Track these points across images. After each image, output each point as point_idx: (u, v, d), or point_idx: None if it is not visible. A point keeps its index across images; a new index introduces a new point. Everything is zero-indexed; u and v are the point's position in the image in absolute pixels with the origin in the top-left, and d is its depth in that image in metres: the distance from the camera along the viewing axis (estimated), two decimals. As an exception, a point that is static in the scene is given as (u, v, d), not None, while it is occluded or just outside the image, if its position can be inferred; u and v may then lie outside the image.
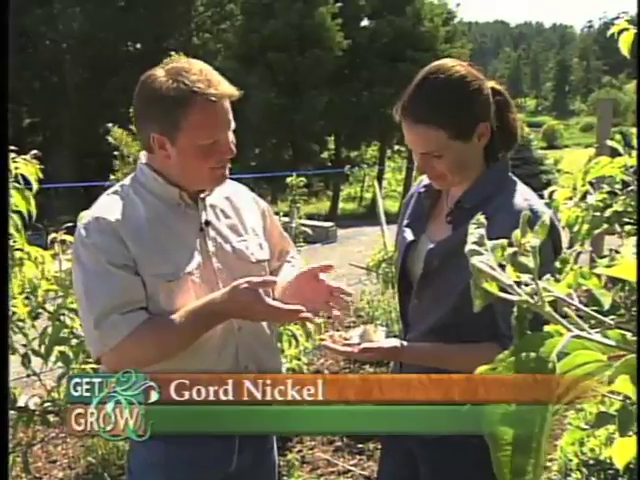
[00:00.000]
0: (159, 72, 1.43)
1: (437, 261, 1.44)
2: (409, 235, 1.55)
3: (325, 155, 27.96)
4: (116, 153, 17.00)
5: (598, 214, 1.46)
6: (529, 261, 0.69)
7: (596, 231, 1.48)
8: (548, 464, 3.20)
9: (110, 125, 16.68)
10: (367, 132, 25.69)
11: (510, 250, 0.72)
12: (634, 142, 1.67)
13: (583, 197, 1.53)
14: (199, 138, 1.41)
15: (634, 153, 1.57)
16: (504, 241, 0.73)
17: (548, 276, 0.71)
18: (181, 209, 1.50)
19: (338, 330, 5.13)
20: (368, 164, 30.02)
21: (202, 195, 1.54)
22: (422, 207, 1.57)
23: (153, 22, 24.55)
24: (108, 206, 1.46)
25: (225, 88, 1.43)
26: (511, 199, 1.40)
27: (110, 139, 16.34)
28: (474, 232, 0.72)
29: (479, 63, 1.52)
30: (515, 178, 1.47)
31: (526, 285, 0.69)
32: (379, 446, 3.49)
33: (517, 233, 0.73)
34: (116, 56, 25.52)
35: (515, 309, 0.72)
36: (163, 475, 1.51)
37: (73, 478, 3.23)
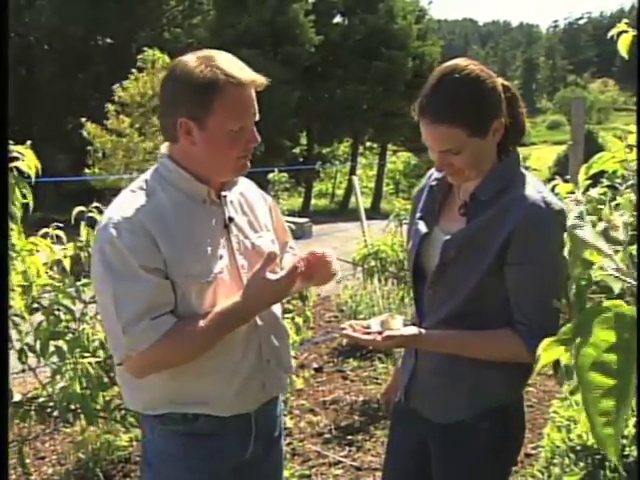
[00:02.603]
0: (189, 58, 1.42)
1: (453, 252, 1.48)
2: (423, 227, 1.59)
3: (297, 151, 27.96)
4: (89, 148, 16.69)
5: (602, 207, 1.51)
6: (619, 234, 0.76)
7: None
8: (533, 452, 3.29)
9: (83, 120, 16.36)
10: (340, 129, 25.76)
11: (601, 225, 0.78)
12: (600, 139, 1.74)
13: (586, 190, 1.58)
14: (229, 123, 1.40)
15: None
16: (593, 217, 0.80)
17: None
18: (206, 206, 1.50)
19: (320, 325, 5.11)
20: (340, 160, 30.13)
21: (224, 192, 1.53)
22: (434, 200, 1.61)
23: (124, 16, 24.21)
24: (137, 204, 1.42)
25: (256, 75, 1.44)
26: (525, 191, 1.44)
27: (84, 133, 16.01)
28: (574, 209, 0.79)
29: (448, 60, 1.55)
30: (525, 171, 1.51)
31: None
32: (368, 437, 3.54)
33: (606, 210, 0.81)
34: (86, 50, 25.11)
35: (574, 286, 0.78)
36: (183, 466, 1.52)
37: (63, 474, 3.20)
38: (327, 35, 23.25)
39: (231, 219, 1.53)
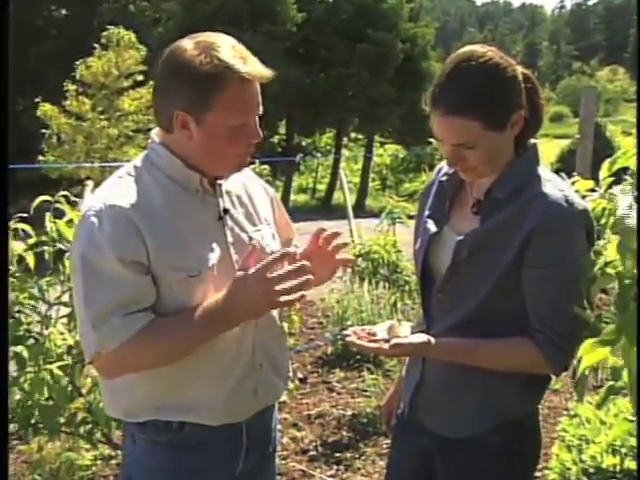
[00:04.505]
0: (187, 44, 1.41)
1: (466, 253, 1.50)
2: (432, 226, 1.61)
3: (275, 141, 27.86)
4: (44, 132, 16.41)
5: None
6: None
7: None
8: (538, 474, 3.33)
9: (37, 100, 16.11)
10: (322, 118, 25.67)
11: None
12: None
13: (608, 188, 1.61)
14: (229, 119, 1.41)
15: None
16: None
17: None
18: (199, 195, 1.51)
19: (302, 332, 5.11)
20: (322, 152, 30.07)
21: (220, 181, 1.55)
22: (444, 197, 1.63)
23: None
24: (122, 192, 1.44)
25: (260, 68, 1.44)
26: (545, 189, 1.46)
27: (39, 115, 15.70)
28: (623, 199, 0.85)
29: (442, 44, 1.57)
30: (544, 167, 1.54)
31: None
32: (357, 455, 3.57)
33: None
34: (39, 21, 24.77)
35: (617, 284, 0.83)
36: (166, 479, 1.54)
37: (18, 496, 3.18)
38: (310, 13, 23.20)
39: (226, 210, 1.54)
